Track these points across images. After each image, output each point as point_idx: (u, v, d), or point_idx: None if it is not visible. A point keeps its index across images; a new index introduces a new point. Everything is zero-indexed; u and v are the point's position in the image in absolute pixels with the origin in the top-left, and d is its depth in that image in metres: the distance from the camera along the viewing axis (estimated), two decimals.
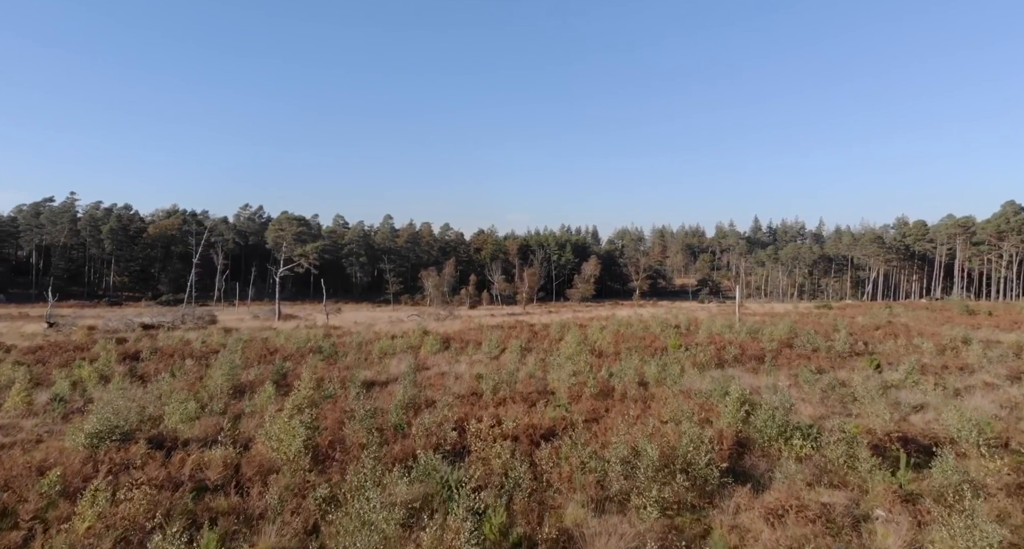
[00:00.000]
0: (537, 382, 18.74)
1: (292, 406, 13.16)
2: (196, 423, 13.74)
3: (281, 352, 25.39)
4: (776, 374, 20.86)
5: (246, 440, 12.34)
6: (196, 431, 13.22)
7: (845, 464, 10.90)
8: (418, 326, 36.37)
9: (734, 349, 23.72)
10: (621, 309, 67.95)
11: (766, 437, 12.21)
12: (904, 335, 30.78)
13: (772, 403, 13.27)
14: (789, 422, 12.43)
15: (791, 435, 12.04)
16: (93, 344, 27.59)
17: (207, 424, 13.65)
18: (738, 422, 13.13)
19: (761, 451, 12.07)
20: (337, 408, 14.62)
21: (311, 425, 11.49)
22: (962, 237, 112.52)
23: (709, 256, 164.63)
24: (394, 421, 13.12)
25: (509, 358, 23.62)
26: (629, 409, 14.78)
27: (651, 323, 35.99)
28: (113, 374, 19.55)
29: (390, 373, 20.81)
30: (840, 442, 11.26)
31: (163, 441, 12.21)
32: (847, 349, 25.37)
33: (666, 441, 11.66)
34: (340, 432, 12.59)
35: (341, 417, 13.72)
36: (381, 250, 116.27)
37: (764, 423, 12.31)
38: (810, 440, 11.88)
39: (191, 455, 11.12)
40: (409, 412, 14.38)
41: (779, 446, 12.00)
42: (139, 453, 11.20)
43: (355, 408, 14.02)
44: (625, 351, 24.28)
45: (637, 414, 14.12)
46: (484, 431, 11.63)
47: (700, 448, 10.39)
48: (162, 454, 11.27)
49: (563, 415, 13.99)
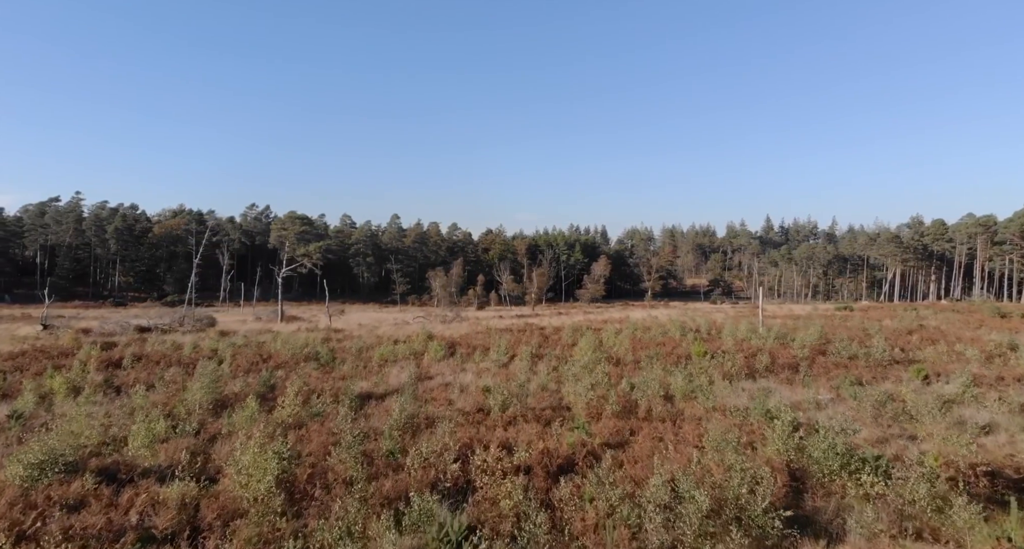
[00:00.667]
0: (551, 396, 16.89)
1: (266, 431, 11.37)
2: (163, 447, 12.00)
3: (275, 359, 23.69)
4: (815, 386, 18.88)
5: (215, 471, 10.60)
6: (161, 457, 11.48)
7: (929, 507, 8.99)
8: (422, 329, 34.61)
9: (765, 357, 21.74)
10: (634, 310, 65.88)
11: (826, 470, 10.29)
12: (944, 341, 28.62)
13: (831, 426, 11.37)
14: (852, 451, 10.53)
15: (857, 468, 10.13)
16: (79, 349, 26.03)
17: (175, 448, 11.91)
18: (789, 450, 11.21)
19: (821, 487, 10.16)
20: (324, 429, 12.84)
21: (287, 455, 9.71)
22: (983, 236, 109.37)
23: (720, 256, 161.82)
24: (387, 448, 11.31)
25: (519, 366, 21.78)
26: (658, 431, 12.90)
27: (669, 326, 34.00)
28: (87, 385, 17.90)
29: (389, 384, 19.03)
30: (921, 479, 9.34)
31: (117, 472, 10.47)
32: (887, 357, 23.31)
33: (708, 474, 9.78)
34: (324, 461, 10.80)
35: (328, 441, 11.94)
36: (388, 250, 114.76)
37: (824, 453, 10.38)
38: (880, 474, 9.96)
39: (144, 492, 9.38)
40: (406, 435, 12.58)
41: (842, 482, 10.08)
42: (84, 489, 9.47)
43: (345, 429, 12.21)
44: (645, 359, 22.35)
45: (670, 439, 12.22)
46: (491, 464, 9.80)
47: (755, 489, 8.52)
48: (111, 490, 9.53)
49: (583, 439, 12.13)
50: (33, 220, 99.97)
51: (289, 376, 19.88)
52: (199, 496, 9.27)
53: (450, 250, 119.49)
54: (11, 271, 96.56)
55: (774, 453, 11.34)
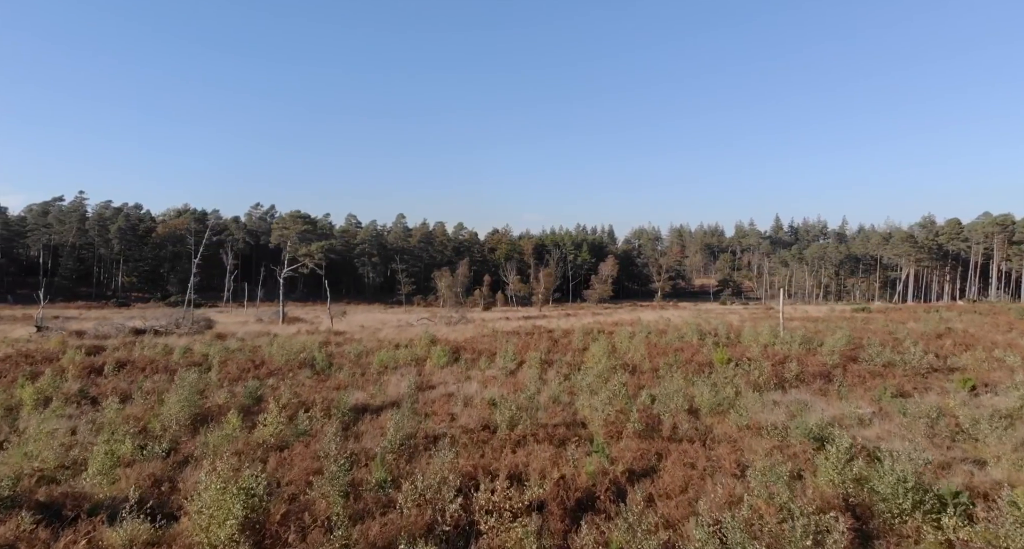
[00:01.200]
0: (564, 410, 15.33)
1: (245, 455, 9.87)
2: (125, 473, 10.54)
3: (267, 366, 22.24)
4: (852, 398, 17.23)
5: (177, 506, 9.12)
6: (122, 486, 10.01)
7: None
8: (425, 333, 33.11)
9: (794, 365, 20.08)
10: (644, 311, 64.11)
11: (895, 509, 8.70)
12: (980, 346, 26.85)
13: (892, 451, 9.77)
14: (924, 485, 8.93)
15: (934, 506, 8.54)
16: (63, 354, 24.69)
17: (139, 475, 10.45)
18: (847, 482, 9.61)
19: (890, 530, 8.56)
20: (309, 452, 11.33)
21: (260, 489, 8.21)
22: (1000, 236, 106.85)
23: (729, 256, 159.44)
24: (378, 478, 9.79)
25: (528, 375, 20.23)
26: (688, 455, 11.32)
27: (684, 329, 32.33)
28: (59, 395, 16.49)
29: (387, 394, 17.53)
30: (1017, 524, 7.73)
31: (63, 506, 9.01)
32: (924, 364, 21.59)
33: (759, 518, 8.21)
34: (305, 494, 9.30)
35: (311, 467, 10.44)
36: (394, 250, 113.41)
37: (892, 488, 8.78)
38: (963, 515, 8.37)
39: (86, 536, 7.90)
40: (401, 459, 11.07)
41: (916, 524, 8.49)
42: (18, 531, 8.01)
43: (332, 453, 10.68)
44: (664, 367, 20.75)
45: (703, 465, 10.64)
46: (499, 501, 8.26)
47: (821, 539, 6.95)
48: (50, 532, 8.07)
49: (603, 467, 10.56)
50: (36, 220, 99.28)
51: (280, 385, 18.43)
52: (152, 541, 7.79)
53: (456, 250, 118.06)
54: (15, 271, 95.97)
55: (827, 485, 9.75)
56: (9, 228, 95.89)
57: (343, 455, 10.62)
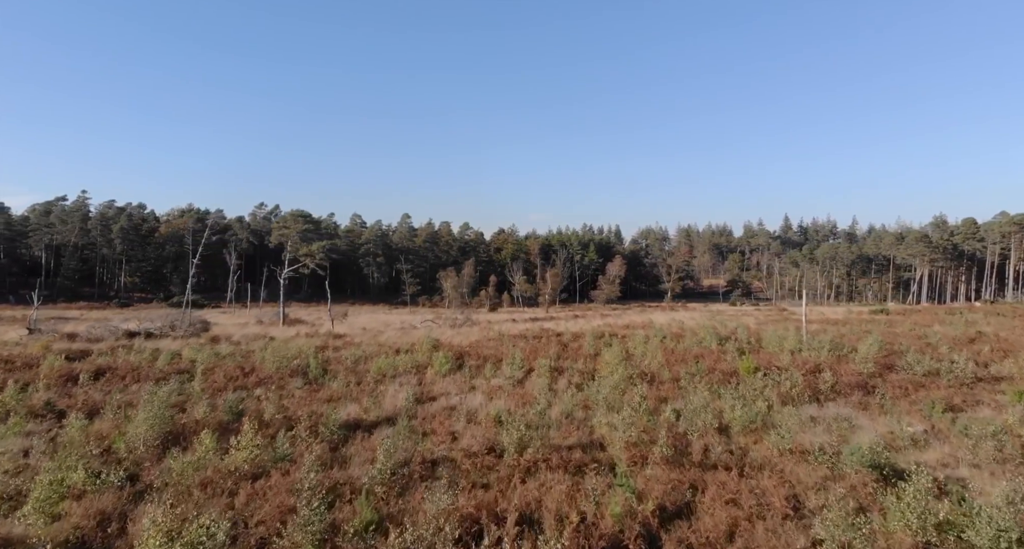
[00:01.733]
0: (578, 427, 13.70)
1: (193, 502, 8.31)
2: (73, 507, 9.04)
3: (257, 373, 20.72)
4: (897, 413, 15.51)
5: None
6: (64, 525, 8.52)
7: None
8: (428, 337, 31.54)
9: (828, 375, 18.35)
10: (654, 313, 62.29)
11: None
12: (1022, 353, 25.01)
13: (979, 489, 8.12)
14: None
15: None
16: (45, 359, 23.28)
17: (87, 511, 8.93)
18: (928, 528, 7.96)
19: None
20: (287, 483, 9.76)
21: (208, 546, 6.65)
22: (1018, 236, 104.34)
23: (738, 256, 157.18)
24: (364, 519, 8.20)
25: (537, 384, 18.63)
26: (728, 488, 9.67)
27: (701, 333, 30.58)
28: (20, 409, 15.02)
29: (383, 408, 15.95)
30: None
31: None
32: (969, 373, 19.83)
33: None
34: (275, 541, 7.73)
35: (286, 503, 8.87)
36: (399, 250, 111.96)
37: (992, 542, 7.13)
38: None
39: None
40: (392, 492, 9.49)
41: None
42: None
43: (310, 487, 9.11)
44: (685, 376, 19.08)
45: (748, 503, 9.00)
46: None
47: None
48: None
49: (630, 505, 8.93)
50: (39, 220, 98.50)
51: (268, 397, 16.89)
52: None
53: (462, 250, 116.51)
54: (17, 271, 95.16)
55: (902, 530, 8.10)
56: (12, 228, 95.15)
57: (325, 487, 9.07)
